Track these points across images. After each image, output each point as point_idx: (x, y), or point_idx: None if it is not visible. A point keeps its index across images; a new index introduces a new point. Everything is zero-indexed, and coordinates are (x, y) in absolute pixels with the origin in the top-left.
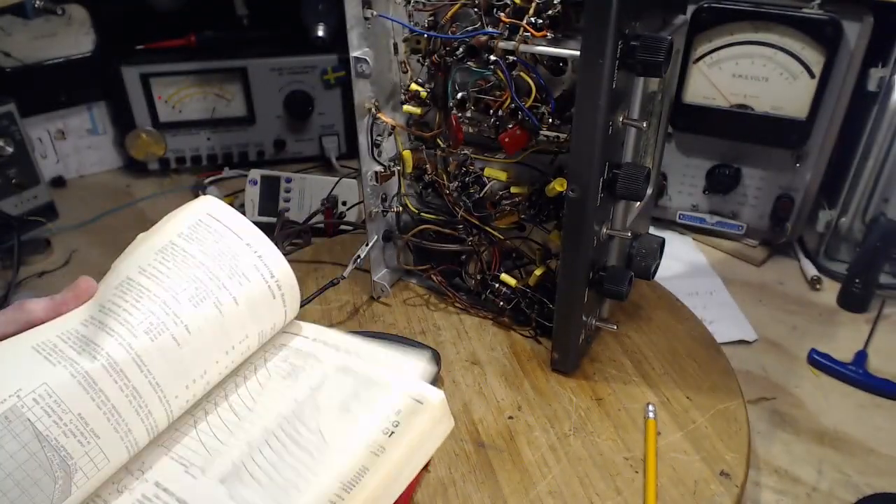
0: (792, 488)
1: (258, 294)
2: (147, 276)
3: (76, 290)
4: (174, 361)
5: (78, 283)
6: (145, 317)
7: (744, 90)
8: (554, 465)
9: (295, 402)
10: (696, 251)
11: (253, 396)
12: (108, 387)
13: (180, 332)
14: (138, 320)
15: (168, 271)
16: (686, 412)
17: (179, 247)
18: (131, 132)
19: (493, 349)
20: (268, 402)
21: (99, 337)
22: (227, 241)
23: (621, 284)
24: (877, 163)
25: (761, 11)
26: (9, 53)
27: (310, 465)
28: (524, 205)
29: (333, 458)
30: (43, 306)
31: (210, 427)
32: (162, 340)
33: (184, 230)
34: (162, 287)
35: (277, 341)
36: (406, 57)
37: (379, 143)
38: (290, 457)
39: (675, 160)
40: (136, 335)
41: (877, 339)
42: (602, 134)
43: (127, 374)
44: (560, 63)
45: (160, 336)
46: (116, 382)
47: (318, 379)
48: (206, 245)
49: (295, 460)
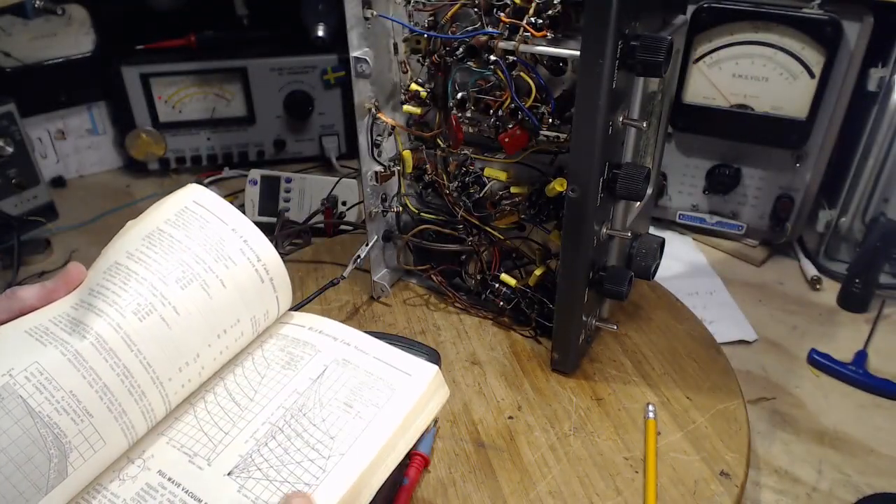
0: (792, 488)
1: (245, 277)
2: (135, 261)
3: (67, 276)
4: (164, 342)
5: (68, 269)
6: (133, 298)
7: (744, 90)
8: (554, 465)
9: (297, 394)
10: (696, 251)
11: (253, 386)
12: (98, 365)
13: (169, 312)
14: (126, 301)
15: (155, 255)
16: (686, 412)
17: (166, 232)
18: (131, 132)
19: (493, 349)
20: (269, 393)
21: (88, 318)
22: (213, 227)
23: (621, 284)
24: (877, 163)
25: (761, 11)
26: (9, 53)
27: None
28: (524, 205)
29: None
30: (34, 293)
31: (211, 416)
32: (150, 321)
33: (170, 216)
34: (149, 270)
35: (273, 331)
36: (406, 57)
37: (379, 143)
38: (298, 453)
39: (675, 160)
40: (125, 315)
41: (877, 339)
42: (602, 134)
43: (117, 353)
44: (560, 63)
45: (148, 317)
46: (107, 361)
47: (318, 369)
48: (192, 230)
49: (302, 457)
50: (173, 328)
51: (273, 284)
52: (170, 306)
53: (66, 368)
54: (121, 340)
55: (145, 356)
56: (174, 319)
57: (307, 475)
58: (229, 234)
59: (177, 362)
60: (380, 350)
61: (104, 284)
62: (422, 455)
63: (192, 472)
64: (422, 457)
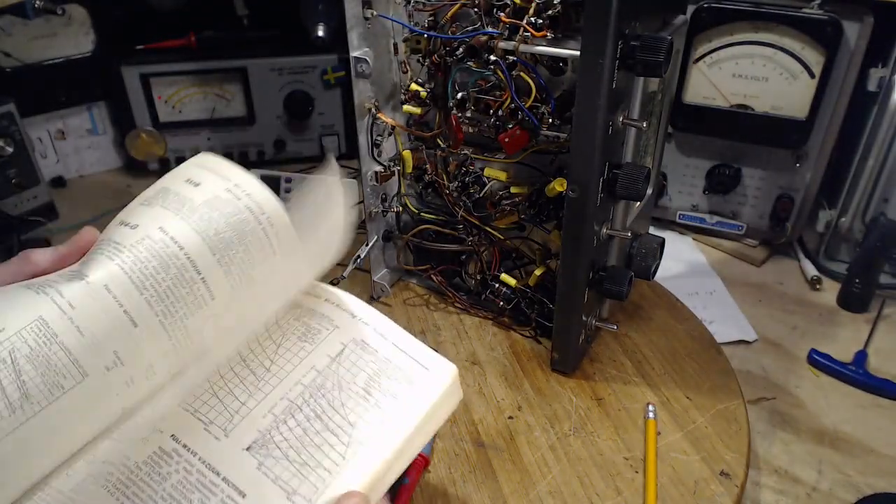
0: (792, 488)
1: (243, 223)
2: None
3: (79, 240)
4: (178, 281)
5: (81, 233)
6: (136, 241)
7: (744, 90)
8: (554, 465)
9: (316, 372)
10: (696, 251)
11: (268, 355)
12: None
13: (174, 250)
14: (129, 244)
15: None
16: (686, 412)
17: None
18: (131, 132)
19: (493, 349)
20: (286, 365)
21: (92, 263)
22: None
23: (621, 284)
24: (877, 163)
25: (761, 11)
26: (9, 53)
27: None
28: (524, 205)
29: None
30: (48, 257)
31: (225, 381)
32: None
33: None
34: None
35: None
36: (406, 57)
37: (379, 143)
38: (318, 436)
39: (675, 160)
40: (123, 255)
41: (877, 339)
42: (602, 134)
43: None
44: (560, 63)
45: (153, 253)
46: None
47: (336, 347)
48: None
49: (322, 440)
50: (171, 268)
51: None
52: (176, 245)
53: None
54: (129, 281)
55: (150, 296)
56: (176, 254)
57: (327, 461)
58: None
59: (182, 307)
60: (399, 337)
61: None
62: (422, 455)
63: (209, 441)
64: (422, 457)
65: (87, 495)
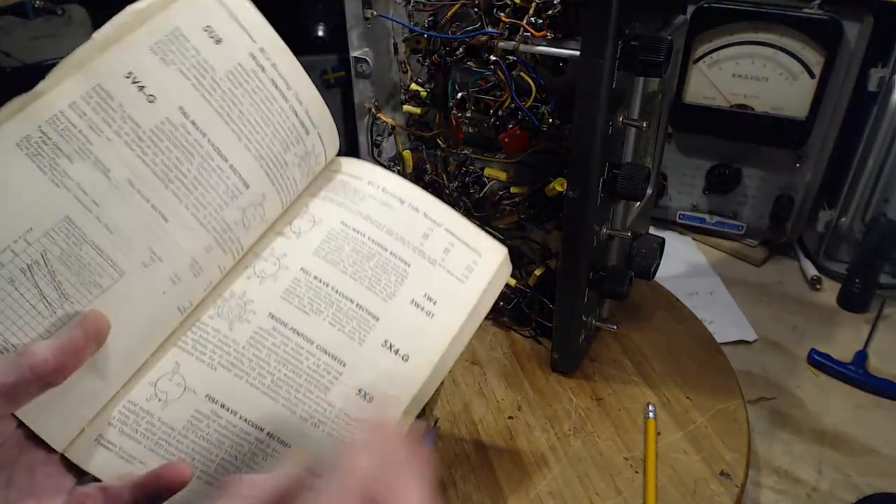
0: (792, 488)
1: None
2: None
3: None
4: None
5: None
6: (156, 126)
7: (744, 90)
8: (554, 465)
9: (418, 254)
10: (696, 251)
11: (314, 217)
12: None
13: (195, 136)
14: (148, 128)
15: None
16: (686, 412)
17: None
18: None
19: (493, 349)
20: (329, 223)
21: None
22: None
23: (621, 284)
24: (877, 163)
25: (761, 11)
26: (9, 53)
27: (427, 310)
28: (524, 205)
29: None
30: None
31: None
32: None
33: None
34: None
35: (324, 173)
36: (406, 57)
37: (379, 143)
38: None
39: (675, 160)
40: (143, 145)
41: (877, 339)
42: (602, 134)
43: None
44: (560, 63)
45: None
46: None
47: (419, 239)
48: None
49: (428, 301)
50: None
51: (298, 98)
52: None
53: None
54: (151, 174)
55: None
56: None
57: (424, 319)
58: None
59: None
60: (451, 220)
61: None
62: None
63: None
64: None
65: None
